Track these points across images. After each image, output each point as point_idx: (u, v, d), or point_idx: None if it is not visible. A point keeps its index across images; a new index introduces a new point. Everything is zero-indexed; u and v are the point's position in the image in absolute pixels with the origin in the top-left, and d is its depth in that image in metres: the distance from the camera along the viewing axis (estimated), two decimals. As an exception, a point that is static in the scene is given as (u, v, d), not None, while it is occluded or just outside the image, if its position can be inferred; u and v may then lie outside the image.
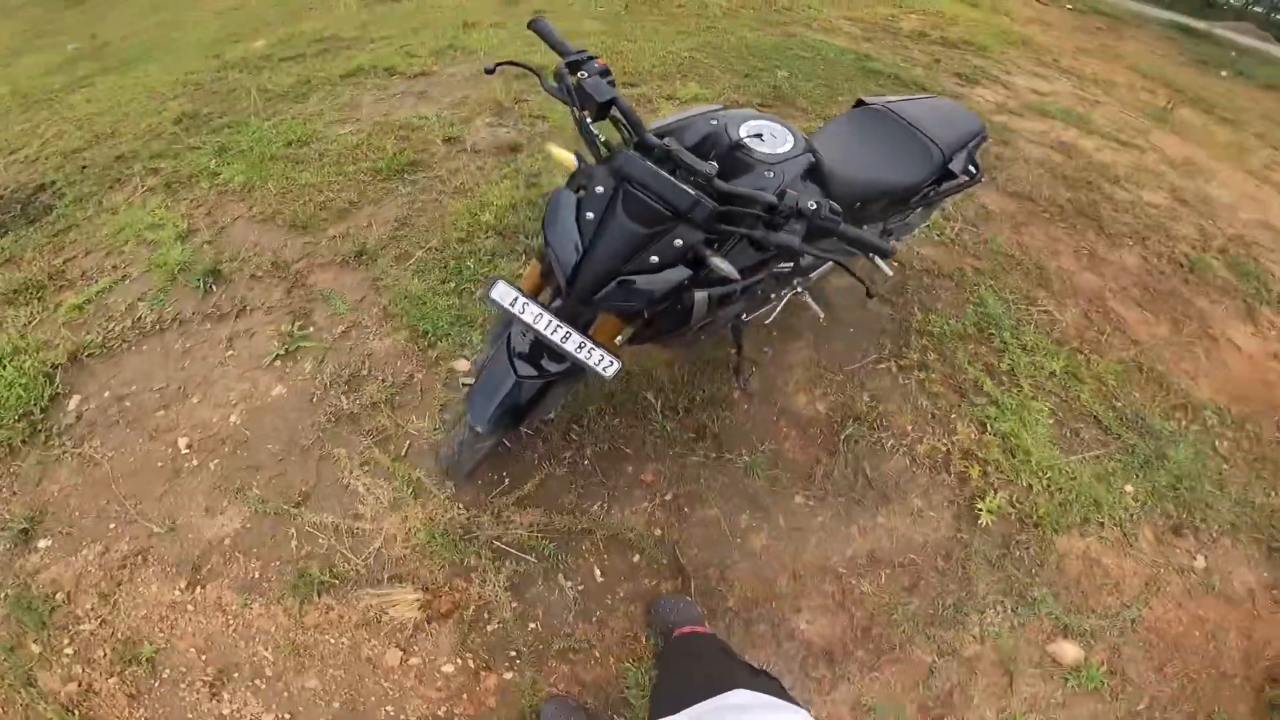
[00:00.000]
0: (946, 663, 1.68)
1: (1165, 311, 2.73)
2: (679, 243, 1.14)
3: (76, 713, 1.49)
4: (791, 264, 1.50)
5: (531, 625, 1.63)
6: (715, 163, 1.17)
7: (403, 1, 5.14)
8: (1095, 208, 3.17)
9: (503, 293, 1.23)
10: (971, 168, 1.85)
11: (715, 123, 1.34)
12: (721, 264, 1.11)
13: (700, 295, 1.27)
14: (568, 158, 1.29)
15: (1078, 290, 2.69)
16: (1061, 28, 6.87)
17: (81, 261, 2.51)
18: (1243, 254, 3.22)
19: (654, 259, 1.16)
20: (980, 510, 1.93)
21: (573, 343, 1.22)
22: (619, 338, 1.37)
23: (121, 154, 3.15)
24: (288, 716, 1.51)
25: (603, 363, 1.23)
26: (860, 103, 1.89)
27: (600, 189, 1.17)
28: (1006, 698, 1.67)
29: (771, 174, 1.25)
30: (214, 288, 2.33)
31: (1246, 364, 2.64)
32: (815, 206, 1.07)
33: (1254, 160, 4.45)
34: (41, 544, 1.71)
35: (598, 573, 1.73)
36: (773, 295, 1.81)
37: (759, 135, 1.31)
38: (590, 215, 1.18)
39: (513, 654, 1.60)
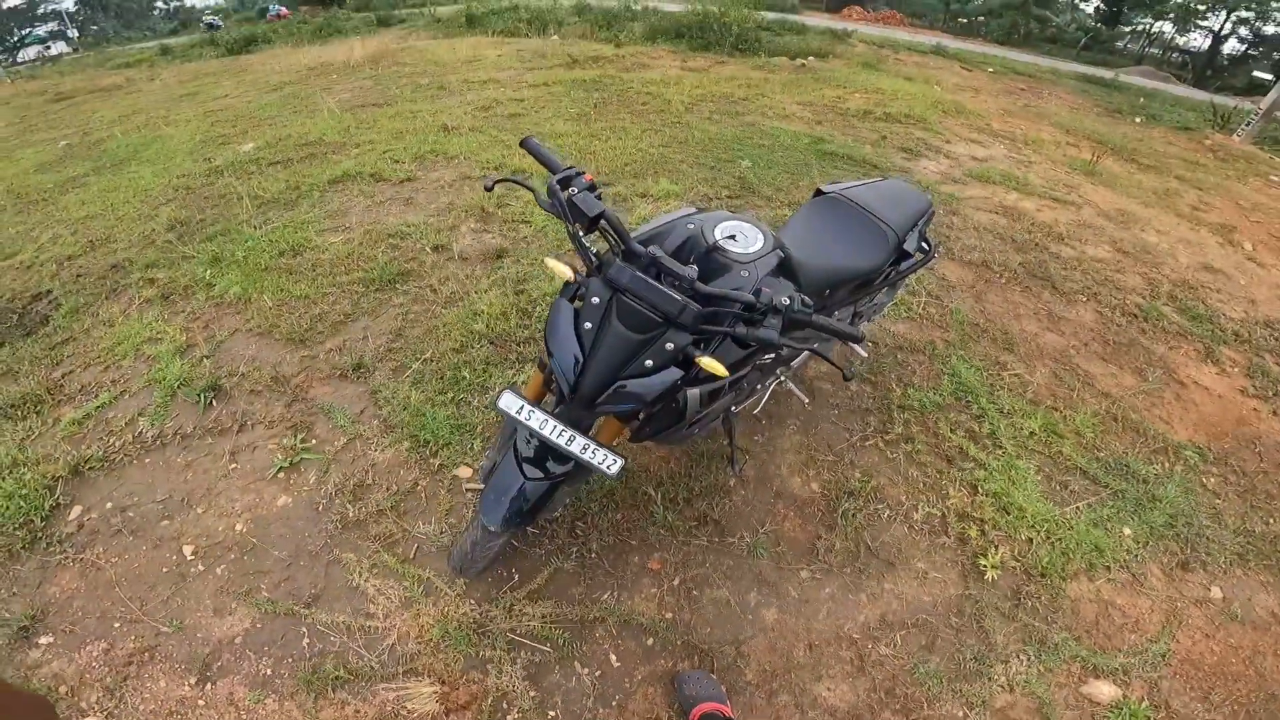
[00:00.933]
0: (979, 715, 1.68)
1: (1128, 362, 2.89)
2: (670, 346, 1.24)
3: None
4: (773, 355, 1.60)
5: (551, 713, 1.63)
6: (695, 266, 1.28)
7: (383, 106, 5.43)
8: (1045, 268, 3.40)
9: (510, 402, 1.33)
10: (924, 244, 2.00)
11: (693, 226, 1.44)
12: (710, 363, 1.21)
13: (692, 393, 1.37)
14: (564, 270, 1.38)
15: (1043, 351, 2.85)
16: (988, 91, 7.45)
17: (80, 376, 2.56)
18: (1190, 298, 3.44)
19: (648, 363, 1.26)
20: (985, 566, 1.97)
21: (577, 445, 1.31)
22: (619, 436, 1.46)
23: (117, 262, 3.24)
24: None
25: (606, 461, 1.31)
26: (819, 192, 2.03)
27: (596, 299, 1.27)
28: (1051, 741, 1.64)
29: (747, 273, 1.36)
30: (214, 403, 2.38)
31: (1217, 403, 2.78)
32: (789, 301, 1.18)
33: (1182, 203, 4.80)
34: (43, 640, 1.72)
35: (613, 658, 1.73)
36: (758, 386, 1.92)
37: (733, 236, 1.43)
38: (588, 325, 1.28)
39: (535, 742, 1.58)
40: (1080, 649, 1.83)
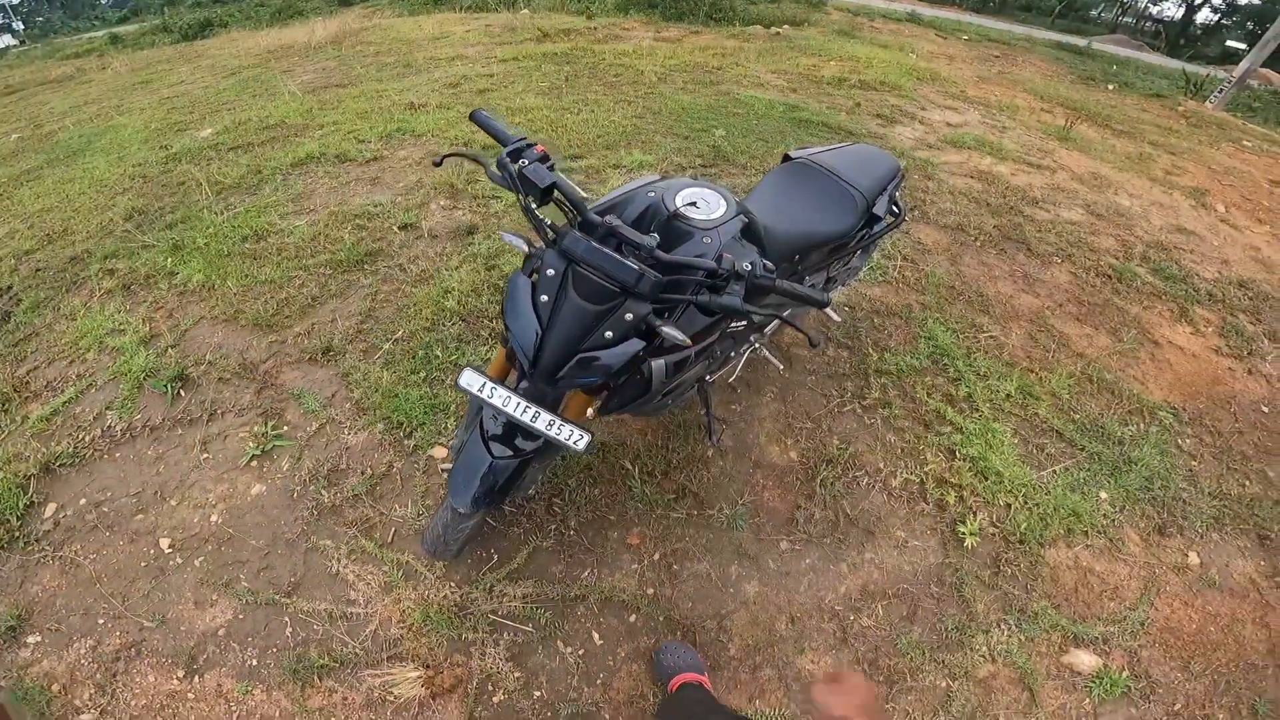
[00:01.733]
0: (962, 685, 1.70)
1: (1103, 323, 2.92)
2: (629, 316, 1.21)
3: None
4: (743, 323, 1.58)
5: (537, 693, 1.64)
6: (656, 234, 1.25)
7: (347, 87, 5.26)
8: (1020, 230, 3.41)
9: (471, 380, 1.29)
10: (894, 208, 1.99)
11: (653, 195, 1.39)
12: (672, 332, 1.19)
13: (657, 364, 1.35)
14: (519, 244, 1.35)
15: (1018, 313, 2.86)
16: (963, 59, 7.41)
17: (45, 372, 2.49)
18: (1164, 259, 3.47)
19: (608, 334, 1.23)
20: (964, 534, 1.99)
21: (542, 421, 1.28)
22: (590, 410, 1.43)
23: (75, 254, 3.12)
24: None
25: (573, 437, 1.29)
26: (787, 158, 2.00)
27: (551, 271, 1.23)
28: (1033, 713, 1.67)
29: (709, 239, 1.32)
30: (182, 393, 2.32)
31: (1191, 363, 2.81)
32: (750, 267, 1.17)
33: (1155, 168, 4.83)
34: (31, 640, 1.71)
35: (596, 636, 1.74)
36: (732, 354, 1.90)
37: (694, 203, 1.39)
38: (545, 298, 1.24)
39: (522, 722, 1.58)
40: (1060, 618, 1.85)
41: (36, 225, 3.48)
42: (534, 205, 1.27)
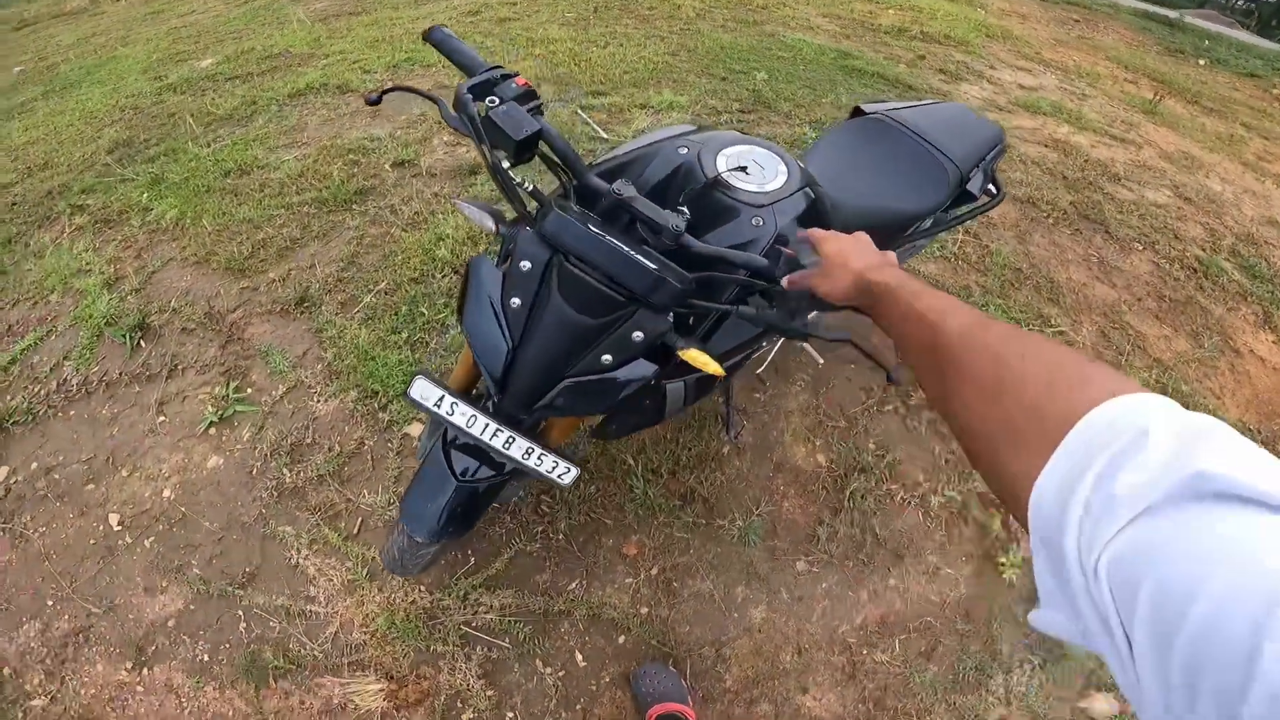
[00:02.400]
0: None
1: (1184, 324, 2.54)
2: (639, 335, 0.88)
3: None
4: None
5: (509, 714, 1.49)
6: (686, 209, 0.89)
7: (359, 15, 4.86)
8: (1099, 209, 2.98)
9: (424, 391, 0.99)
10: (991, 187, 1.61)
11: (685, 151, 1.04)
12: (701, 358, 0.86)
13: (674, 386, 1.03)
14: (483, 218, 0.99)
15: (1091, 304, 2.49)
16: (1038, 20, 6.74)
17: (8, 314, 2.33)
18: (1253, 254, 3.04)
19: (606, 358, 0.90)
20: (1003, 565, 1.74)
21: (518, 449, 0.99)
22: (575, 433, 1.13)
23: (52, 188, 2.93)
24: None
25: (556, 470, 1.01)
26: (858, 111, 1.64)
27: (527, 265, 0.89)
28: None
29: (760, 220, 0.98)
30: (142, 343, 2.12)
31: (1271, 377, 2.45)
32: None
33: (1248, 151, 4.30)
34: None
35: (579, 657, 1.55)
36: (764, 344, 1.59)
37: (743, 167, 1.03)
38: (517, 301, 0.91)
39: (491, 745, 1.42)
40: (1090, 660, 1.63)
41: (20, 158, 3.30)
42: (504, 162, 0.90)
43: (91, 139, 3.33)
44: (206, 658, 1.53)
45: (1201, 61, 7.02)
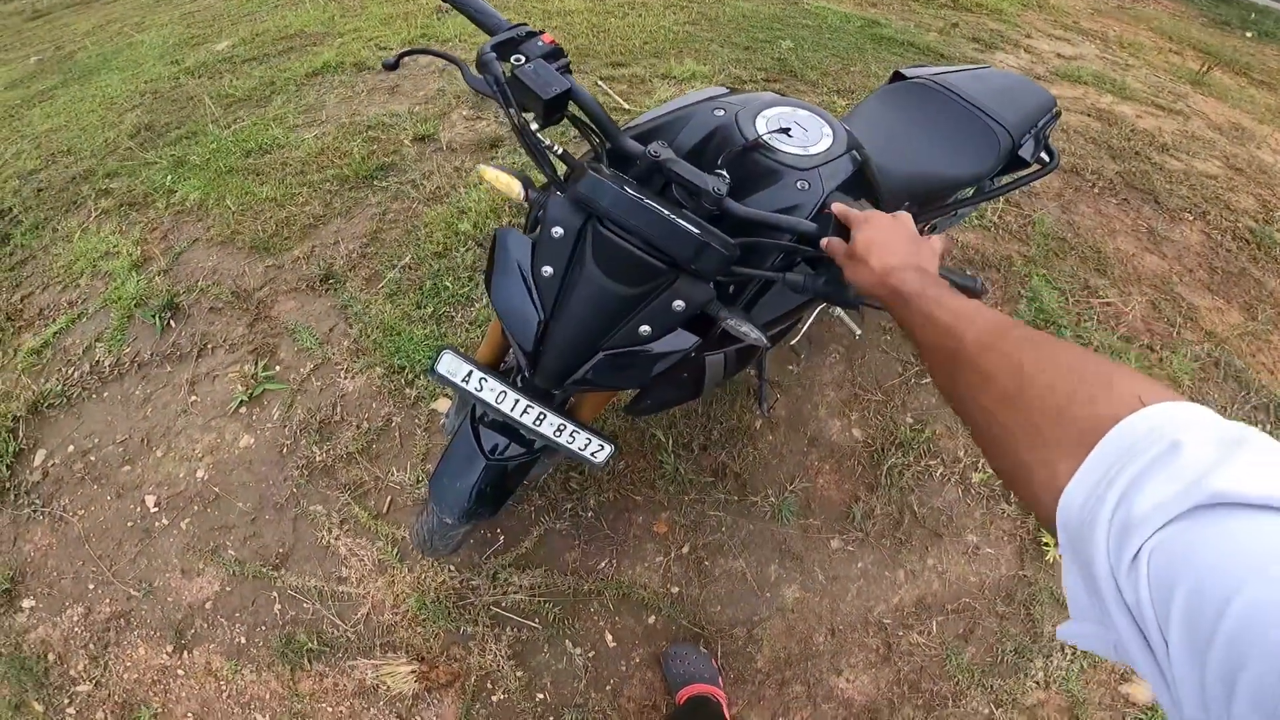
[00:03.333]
0: (1005, 714, 1.50)
1: (1236, 295, 2.42)
2: (679, 305, 0.84)
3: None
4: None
5: (540, 695, 1.47)
6: (725, 173, 0.84)
7: (374, -10, 4.80)
8: (1147, 179, 2.84)
9: (452, 366, 0.96)
10: (1044, 154, 1.52)
11: (721, 113, 0.99)
12: (746, 329, 0.82)
13: (714, 359, 1.00)
14: (510, 183, 0.95)
15: (1141, 275, 2.38)
16: (1075, -12, 6.46)
17: (39, 298, 2.34)
18: (1308, 225, 2.89)
19: (644, 329, 0.86)
20: (1048, 545, 1.68)
21: (549, 426, 0.96)
22: (614, 401, 1.09)
23: (77, 174, 2.94)
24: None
25: (589, 448, 0.97)
26: (899, 76, 1.56)
27: (559, 230, 0.84)
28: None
29: (805, 184, 0.92)
30: (172, 323, 2.12)
31: (1327, 352, 2.33)
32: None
33: (1299, 122, 4.09)
34: (26, 604, 1.65)
35: (609, 637, 1.53)
36: (808, 312, 1.53)
37: (786, 129, 0.97)
38: (549, 270, 0.87)
39: (521, 726, 1.41)
40: None
41: (43, 145, 3.30)
42: (533, 124, 0.86)
43: (113, 124, 3.34)
44: (243, 640, 1.54)
45: (1249, 34, 6.71)
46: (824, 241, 0.78)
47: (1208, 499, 0.29)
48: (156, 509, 1.74)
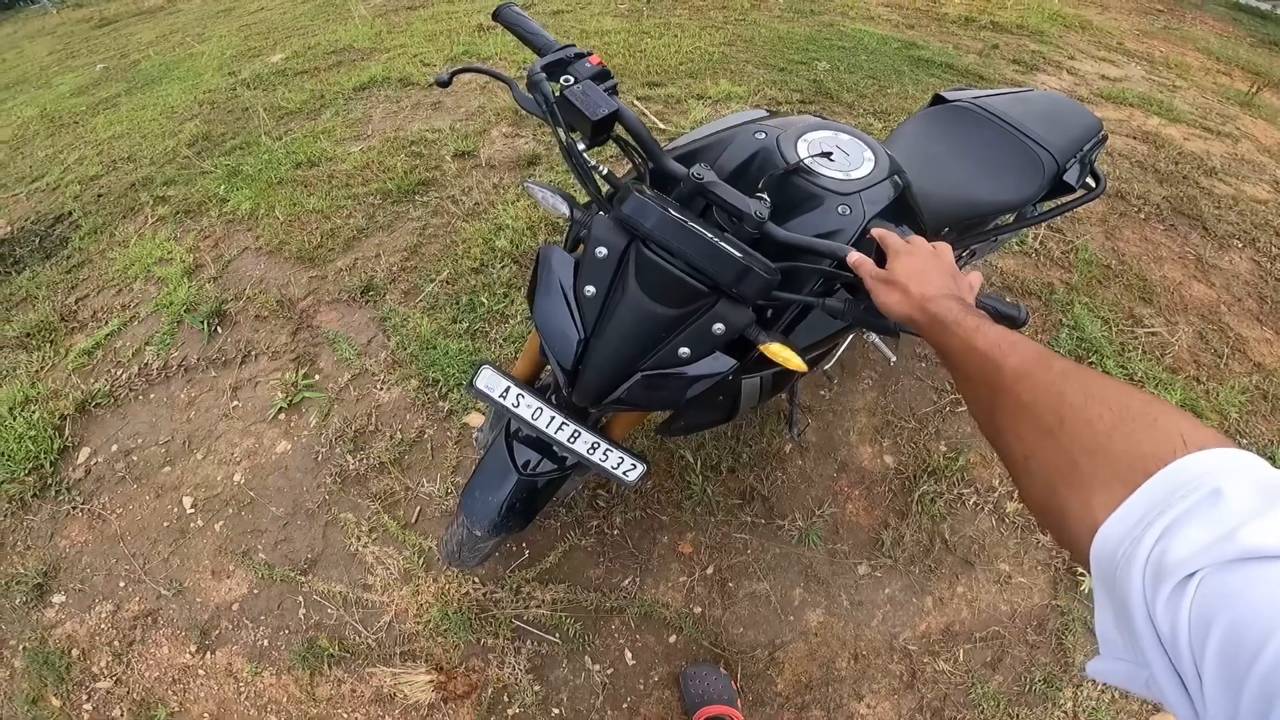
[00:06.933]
0: None
1: (1288, 327, 2.33)
2: (719, 328, 0.84)
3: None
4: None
5: (556, 711, 1.47)
6: (766, 196, 0.84)
7: (417, 9, 4.96)
8: (1195, 204, 2.76)
9: (490, 382, 0.98)
10: (1090, 179, 1.50)
11: (762, 136, 0.99)
12: (784, 353, 0.82)
13: (750, 382, 1.00)
14: (554, 202, 0.97)
15: (1188, 305, 2.31)
16: (1119, 10, 6.32)
17: (93, 301, 2.45)
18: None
19: (683, 351, 0.86)
20: (1082, 575, 1.63)
21: (583, 443, 0.98)
22: (646, 421, 1.11)
23: (135, 181, 3.08)
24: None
25: (622, 466, 0.99)
26: (939, 99, 1.55)
27: (603, 251, 0.85)
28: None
29: (846, 209, 0.92)
30: (219, 330, 2.20)
31: (1382, 387, 2.22)
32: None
33: (1355, 146, 3.92)
34: (56, 599, 1.68)
35: (629, 655, 1.53)
36: (845, 338, 1.52)
37: (827, 154, 0.97)
38: (591, 290, 0.87)
39: (536, 741, 1.42)
40: None
41: (105, 152, 3.47)
42: (580, 145, 0.88)
43: (173, 133, 3.49)
44: (266, 643, 1.56)
45: (1299, 56, 6.46)
46: (851, 257, 0.77)
47: (1240, 554, 0.29)
48: (193, 510, 1.78)
